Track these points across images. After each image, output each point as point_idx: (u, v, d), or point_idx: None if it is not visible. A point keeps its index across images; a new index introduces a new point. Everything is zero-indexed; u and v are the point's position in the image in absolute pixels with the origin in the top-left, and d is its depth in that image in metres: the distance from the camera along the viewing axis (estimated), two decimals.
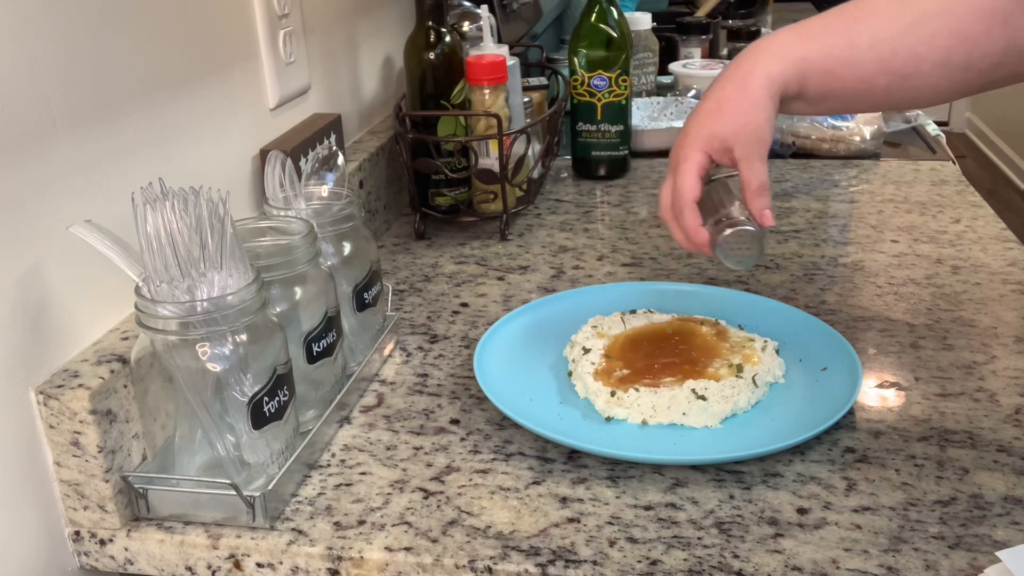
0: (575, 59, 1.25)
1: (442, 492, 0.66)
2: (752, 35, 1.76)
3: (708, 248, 0.73)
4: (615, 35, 1.23)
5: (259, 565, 0.62)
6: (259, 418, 0.62)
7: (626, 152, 1.30)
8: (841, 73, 0.70)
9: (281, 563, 0.62)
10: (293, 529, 0.63)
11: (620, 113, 1.26)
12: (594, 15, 1.24)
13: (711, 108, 0.72)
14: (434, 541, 0.61)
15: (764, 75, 0.70)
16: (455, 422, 0.75)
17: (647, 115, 1.49)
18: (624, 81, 1.25)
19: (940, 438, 0.70)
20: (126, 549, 0.64)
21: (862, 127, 1.35)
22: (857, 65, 0.70)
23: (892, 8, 0.70)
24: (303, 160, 0.83)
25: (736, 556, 0.59)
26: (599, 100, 1.26)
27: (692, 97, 1.50)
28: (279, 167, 0.76)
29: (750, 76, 0.71)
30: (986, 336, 0.84)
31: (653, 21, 1.63)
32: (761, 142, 0.71)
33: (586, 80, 1.25)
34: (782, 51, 0.71)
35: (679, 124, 1.40)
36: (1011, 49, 0.68)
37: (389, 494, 0.66)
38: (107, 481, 0.62)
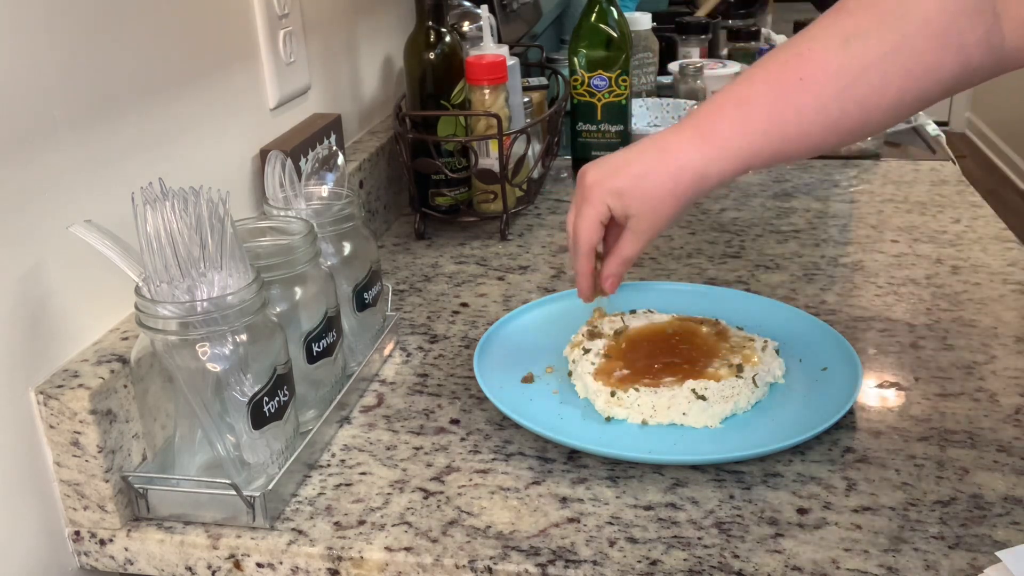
0: (575, 59, 1.25)
1: (442, 492, 0.66)
2: (752, 35, 1.76)
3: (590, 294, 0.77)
4: (615, 35, 1.23)
5: (259, 565, 0.62)
6: (259, 418, 0.62)
7: None
8: (788, 150, 0.67)
9: (281, 563, 0.62)
10: (293, 529, 0.63)
11: (620, 113, 1.26)
12: (594, 15, 1.24)
13: (635, 171, 0.70)
14: (434, 541, 0.61)
15: (698, 175, 0.68)
16: (455, 422, 0.75)
17: (651, 120, 1.49)
18: (624, 81, 1.25)
19: (940, 438, 0.70)
20: (126, 549, 0.64)
21: None
22: (805, 136, 0.66)
23: (839, 57, 0.64)
24: (303, 160, 0.84)
25: (736, 556, 0.59)
26: (599, 100, 1.25)
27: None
28: (279, 167, 0.76)
29: (683, 172, 0.68)
30: (986, 336, 0.84)
31: (653, 21, 1.63)
32: (658, 229, 0.71)
33: (586, 80, 1.25)
34: (724, 145, 0.67)
35: None
36: (963, 73, 0.64)
37: (389, 494, 0.66)
38: (107, 481, 0.62)
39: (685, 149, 0.68)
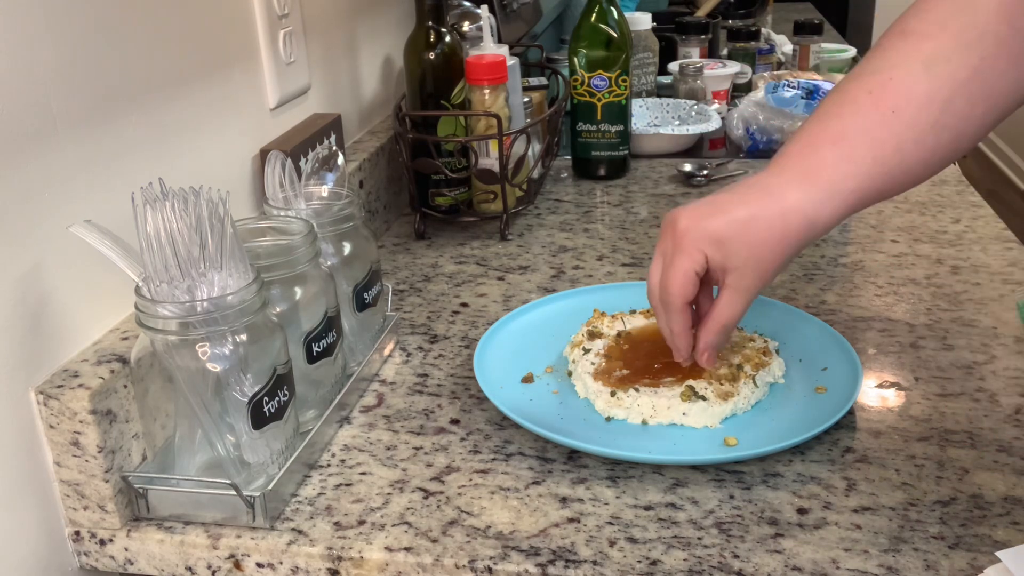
0: (575, 59, 1.25)
1: (442, 492, 0.66)
2: (752, 35, 1.76)
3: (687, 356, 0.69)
4: (615, 35, 1.23)
5: (259, 565, 0.62)
6: (259, 418, 0.62)
7: (626, 152, 1.30)
8: (891, 188, 0.63)
9: (281, 563, 0.62)
10: (293, 529, 0.63)
11: (620, 113, 1.26)
12: (594, 15, 1.24)
13: (738, 215, 0.63)
14: (434, 541, 0.61)
15: (807, 220, 0.61)
16: (455, 422, 0.75)
17: (651, 120, 1.49)
18: (624, 81, 1.25)
19: (940, 438, 0.70)
20: (126, 549, 0.64)
21: None
22: (907, 172, 0.62)
23: (924, 84, 0.60)
24: (303, 160, 0.84)
25: (736, 556, 0.59)
26: (599, 100, 1.26)
27: (714, 109, 1.48)
28: (279, 167, 0.76)
29: (791, 215, 0.61)
30: (986, 336, 0.84)
31: (653, 21, 1.63)
32: (762, 284, 0.64)
33: (586, 80, 1.25)
34: (831, 186, 0.61)
35: (681, 131, 1.40)
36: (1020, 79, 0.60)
37: (389, 494, 0.66)
38: (107, 481, 0.62)
39: (790, 191, 0.62)
